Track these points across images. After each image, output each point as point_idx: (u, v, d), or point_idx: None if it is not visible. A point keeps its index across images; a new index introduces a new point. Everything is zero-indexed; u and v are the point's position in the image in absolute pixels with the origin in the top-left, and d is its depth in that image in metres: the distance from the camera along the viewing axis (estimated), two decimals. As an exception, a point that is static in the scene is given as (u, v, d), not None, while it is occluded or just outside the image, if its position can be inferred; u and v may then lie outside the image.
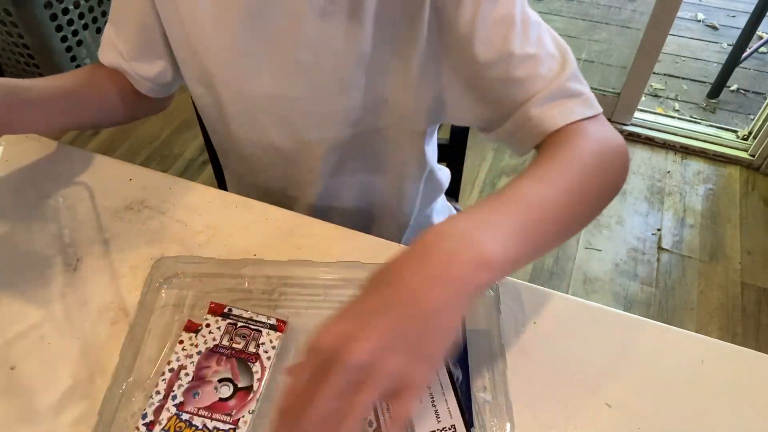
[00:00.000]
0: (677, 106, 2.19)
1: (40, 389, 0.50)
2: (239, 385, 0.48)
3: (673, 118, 2.10)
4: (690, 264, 1.64)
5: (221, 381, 0.48)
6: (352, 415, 0.35)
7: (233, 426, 0.46)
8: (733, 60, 2.08)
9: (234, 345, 0.50)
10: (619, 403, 0.50)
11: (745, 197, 1.82)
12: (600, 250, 1.67)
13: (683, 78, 2.34)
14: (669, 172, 1.91)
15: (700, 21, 2.69)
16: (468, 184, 1.85)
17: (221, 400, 0.47)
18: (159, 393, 0.47)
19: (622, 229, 1.73)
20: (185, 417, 0.46)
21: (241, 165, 0.78)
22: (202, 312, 0.53)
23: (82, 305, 0.56)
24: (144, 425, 0.46)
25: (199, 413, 0.46)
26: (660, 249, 1.68)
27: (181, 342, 0.51)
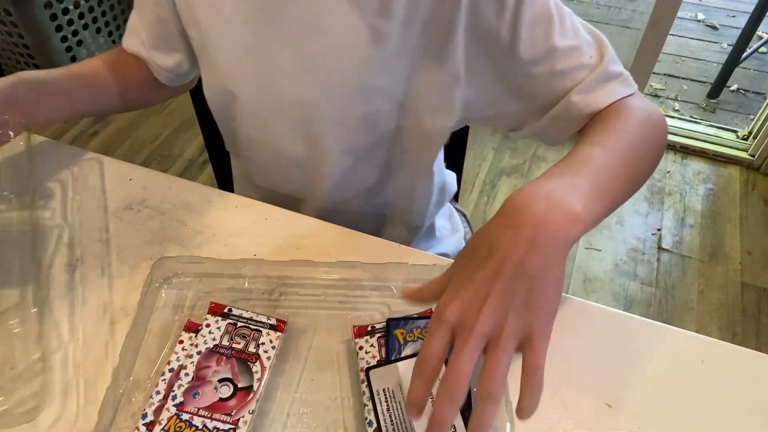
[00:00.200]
0: (677, 106, 2.19)
1: (40, 389, 0.50)
2: (239, 385, 0.48)
3: (673, 118, 2.10)
4: (690, 264, 1.64)
5: (221, 381, 0.48)
6: (498, 369, 0.39)
7: (233, 426, 0.46)
8: (733, 60, 2.08)
9: (234, 345, 0.50)
10: (619, 403, 0.50)
11: (745, 197, 1.82)
12: (600, 250, 1.67)
13: (683, 78, 2.34)
14: (669, 172, 1.91)
15: (700, 21, 2.69)
16: (468, 184, 1.85)
17: (221, 400, 0.47)
18: (159, 393, 0.47)
19: (622, 229, 1.73)
20: (185, 417, 0.46)
21: (251, 166, 0.77)
22: (202, 312, 0.53)
23: (82, 305, 0.56)
24: (144, 425, 0.46)
25: (199, 413, 0.46)
26: (660, 249, 1.68)
27: (181, 342, 0.51)
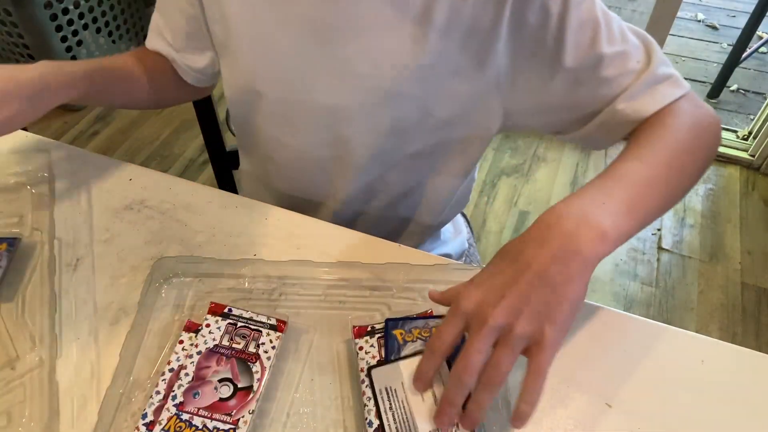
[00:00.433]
0: (677, 106, 2.19)
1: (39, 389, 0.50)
2: (239, 385, 0.48)
3: (673, 118, 2.09)
4: (690, 264, 1.64)
5: (221, 381, 0.48)
6: (501, 363, 0.41)
7: (233, 426, 0.46)
8: (733, 60, 2.08)
9: (234, 345, 0.50)
10: (619, 403, 0.50)
11: (745, 197, 1.82)
12: (600, 250, 1.67)
13: (683, 78, 2.34)
14: (669, 172, 1.91)
15: (700, 21, 2.69)
16: (468, 184, 1.84)
17: (221, 400, 0.47)
18: (159, 393, 0.47)
19: (622, 229, 1.73)
20: (185, 417, 0.46)
21: (269, 166, 0.75)
22: (202, 312, 0.53)
23: (82, 305, 0.56)
24: (144, 425, 0.46)
25: (199, 413, 0.46)
26: (660, 249, 1.68)
27: (181, 342, 0.51)
